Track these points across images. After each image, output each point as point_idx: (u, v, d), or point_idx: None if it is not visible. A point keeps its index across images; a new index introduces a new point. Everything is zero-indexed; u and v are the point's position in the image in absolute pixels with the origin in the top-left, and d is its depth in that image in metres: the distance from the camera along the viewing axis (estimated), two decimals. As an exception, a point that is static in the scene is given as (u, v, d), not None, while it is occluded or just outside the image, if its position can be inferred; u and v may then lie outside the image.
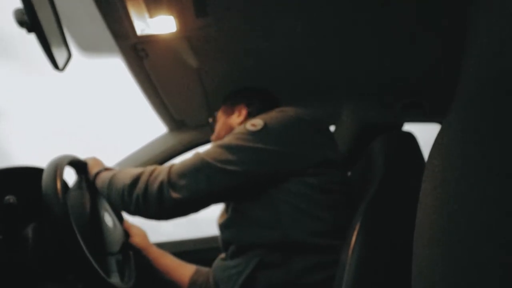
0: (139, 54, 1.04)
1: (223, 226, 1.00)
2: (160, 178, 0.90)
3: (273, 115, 0.97)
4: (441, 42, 1.05)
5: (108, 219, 1.22)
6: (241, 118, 1.16)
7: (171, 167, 0.92)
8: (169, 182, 0.89)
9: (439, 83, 1.28)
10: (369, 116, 0.98)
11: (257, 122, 0.95)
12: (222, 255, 1.02)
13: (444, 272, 0.30)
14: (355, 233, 0.72)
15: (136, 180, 0.92)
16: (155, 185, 0.89)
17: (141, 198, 0.90)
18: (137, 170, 0.95)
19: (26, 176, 1.08)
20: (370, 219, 0.72)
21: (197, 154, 0.93)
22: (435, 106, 1.39)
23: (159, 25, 0.94)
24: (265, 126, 0.93)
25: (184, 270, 1.27)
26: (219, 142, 0.94)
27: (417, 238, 0.36)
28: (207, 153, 0.92)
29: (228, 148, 0.91)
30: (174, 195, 0.88)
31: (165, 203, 0.89)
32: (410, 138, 0.89)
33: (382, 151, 0.88)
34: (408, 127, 1.38)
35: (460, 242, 0.29)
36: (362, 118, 0.99)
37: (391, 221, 0.71)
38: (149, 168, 0.94)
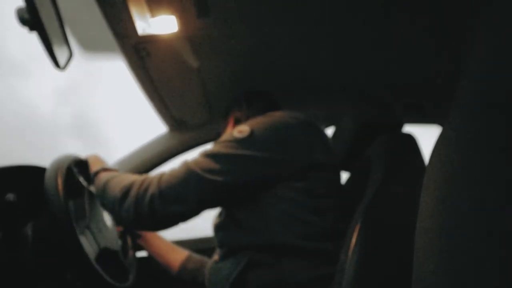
0: (140, 53, 1.04)
1: (215, 229, 1.01)
2: (150, 191, 0.89)
3: (260, 120, 0.97)
4: (443, 43, 1.06)
5: (108, 217, 1.23)
6: (230, 130, 1.17)
7: (160, 178, 0.92)
8: (160, 195, 0.88)
9: (440, 84, 1.28)
10: (369, 117, 0.98)
11: (243, 129, 0.94)
12: (215, 257, 1.03)
13: (445, 273, 0.30)
14: (355, 234, 0.72)
15: (126, 192, 0.91)
16: (146, 199, 0.89)
17: (132, 211, 0.89)
18: (128, 180, 0.95)
19: (26, 175, 1.08)
20: (371, 219, 0.72)
21: (185, 164, 0.93)
22: (436, 108, 1.39)
23: (161, 25, 0.94)
24: (252, 132, 0.93)
25: (176, 255, 1.29)
26: (207, 151, 0.94)
27: (418, 240, 0.36)
28: (195, 162, 0.92)
29: (214, 157, 0.91)
30: (165, 208, 0.88)
31: (156, 216, 0.89)
32: (411, 140, 0.89)
33: (382, 152, 0.88)
34: (409, 129, 1.38)
35: (461, 244, 0.29)
36: (362, 119, 0.99)
37: (391, 222, 0.71)
38: (139, 179, 0.93)
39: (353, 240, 0.72)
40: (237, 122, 1.17)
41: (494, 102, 0.30)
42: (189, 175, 0.89)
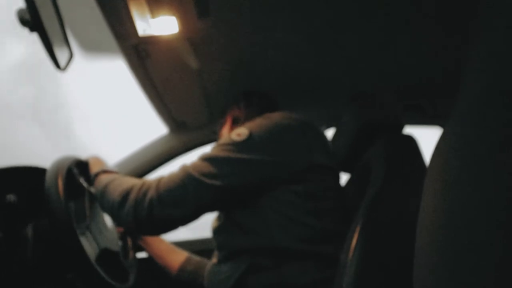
0: (140, 54, 1.04)
1: (215, 232, 1.00)
2: (149, 195, 0.89)
3: (259, 123, 0.96)
4: (443, 43, 1.05)
5: (108, 218, 1.23)
6: (228, 129, 1.17)
7: (159, 182, 0.92)
8: (158, 199, 0.88)
9: (440, 85, 1.28)
10: (370, 118, 0.98)
11: (242, 132, 0.94)
12: (214, 260, 1.02)
13: (446, 274, 0.30)
14: (356, 236, 0.72)
15: (125, 196, 0.91)
16: (144, 203, 0.89)
17: (131, 215, 0.89)
18: (127, 184, 0.95)
19: (27, 175, 1.08)
20: (371, 221, 0.72)
21: (184, 168, 0.93)
22: (437, 109, 1.39)
23: (161, 25, 0.94)
24: (250, 135, 0.92)
25: (176, 256, 1.29)
26: (205, 154, 0.94)
27: (419, 241, 0.36)
28: (193, 166, 0.92)
29: (213, 161, 0.91)
30: (163, 211, 0.88)
31: (155, 220, 0.89)
32: (411, 141, 0.89)
33: (382, 154, 0.88)
34: (409, 130, 1.38)
35: (461, 245, 0.29)
36: (363, 121, 0.98)
37: (392, 224, 0.71)
38: (138, 183, 0.93)
39: (354, 242, 0.71)
40: (236, 121, 1.16)
41: (495, 102, 0.30)
42: (187, 179, 0.89)
